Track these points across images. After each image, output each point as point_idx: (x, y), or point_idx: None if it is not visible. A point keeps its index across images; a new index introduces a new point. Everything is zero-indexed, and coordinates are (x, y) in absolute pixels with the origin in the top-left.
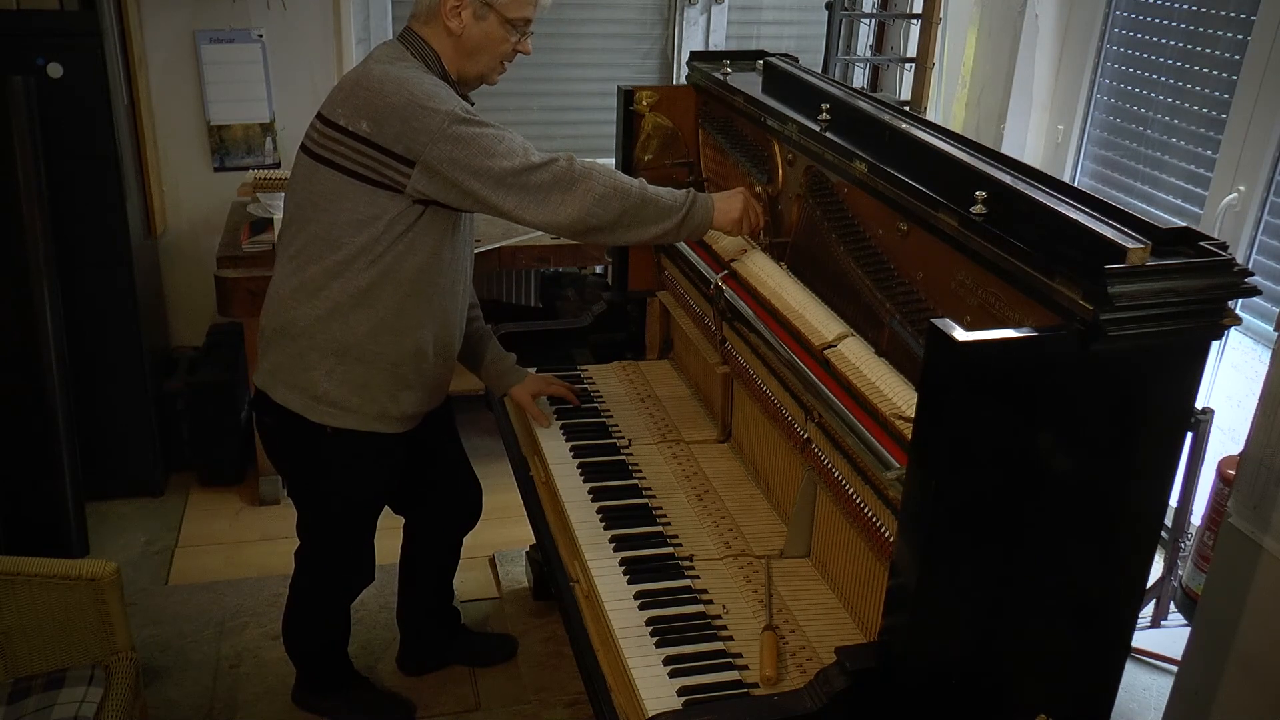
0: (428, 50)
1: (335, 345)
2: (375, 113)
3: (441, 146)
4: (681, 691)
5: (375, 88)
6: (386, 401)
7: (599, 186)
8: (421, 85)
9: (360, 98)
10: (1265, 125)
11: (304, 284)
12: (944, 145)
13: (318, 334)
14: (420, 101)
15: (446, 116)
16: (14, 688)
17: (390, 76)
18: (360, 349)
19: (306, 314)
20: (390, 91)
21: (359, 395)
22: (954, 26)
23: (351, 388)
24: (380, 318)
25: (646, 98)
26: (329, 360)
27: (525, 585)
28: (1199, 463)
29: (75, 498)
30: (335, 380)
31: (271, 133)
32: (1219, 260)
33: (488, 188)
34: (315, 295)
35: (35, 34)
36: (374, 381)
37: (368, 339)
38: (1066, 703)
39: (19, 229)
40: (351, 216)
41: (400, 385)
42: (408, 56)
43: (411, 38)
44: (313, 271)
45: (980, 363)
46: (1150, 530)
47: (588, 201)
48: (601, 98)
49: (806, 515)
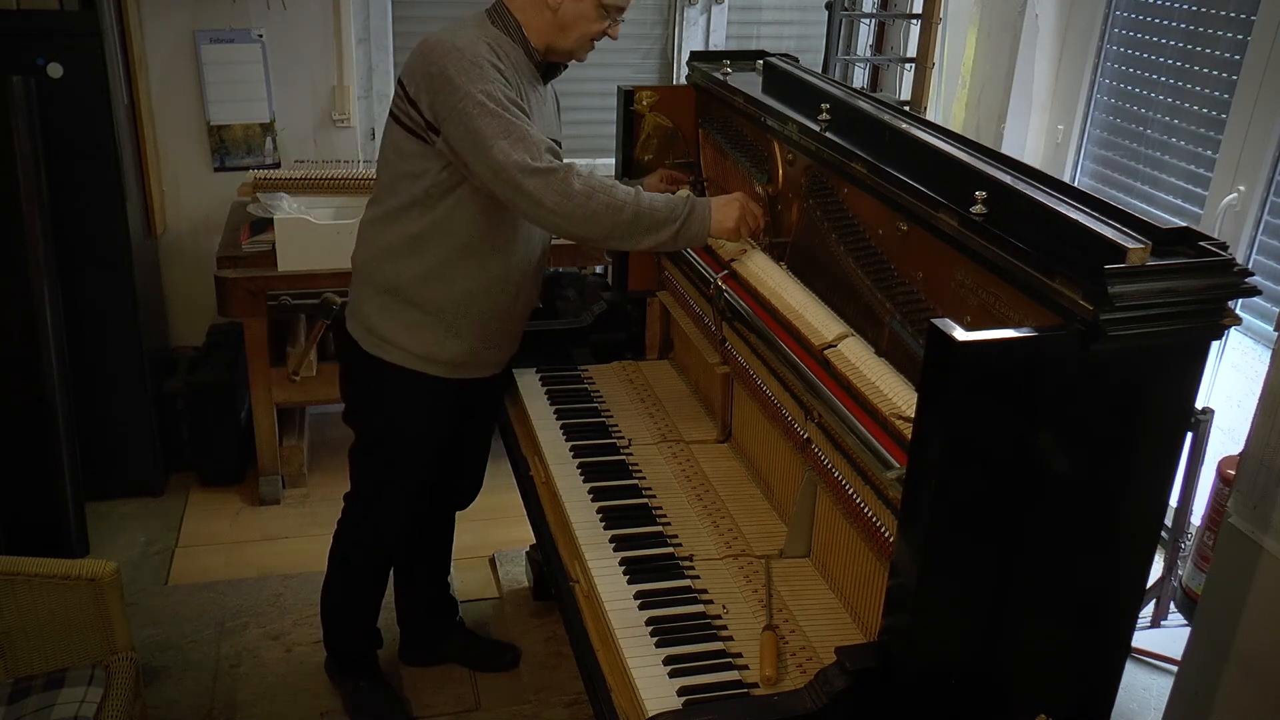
0: (511, 21)
1: (387, 284)
2: (417, 78)
3: (454, 123)
4: (681, 691)
5: (425, 53)
6: (432, 345)
7: (593, 202)
8: (461, 60)
9: (414, 62)
10: (1265, 125)
11: (369, 225)
12: (944, 145)
13: (373, 272)
14: (450, 75)
15: (466, 97)
16: (14, 688)
17: (441, 45)
18: (409, 291)
19: (366, 252)
20: (432, 59)
21: (406, 334)
22: (954, 26)
23: (399, 325)
24: (428, 265)
25: (646, 98)
26: (381, 297)
27: (525, 585)
28: (1199, 463)
29: (75, 498)
30: (385, 316)
31: (271, 133)
32: (1219, 260)
33: (487, 174)
34: (376, 237)
35: (35, 34)
36: (422, 324)
37: (416, 283)
38: (1066, 703)
39: (19, 229)
40: (408, 168)
41: (447, 332)
42: (487, 26)
43: (499, 8)
44: (377, 214)
45: (980, 363)
46: (1150, 530)
47: (579, 213)
48: (601, 98)
49: (806, 515)
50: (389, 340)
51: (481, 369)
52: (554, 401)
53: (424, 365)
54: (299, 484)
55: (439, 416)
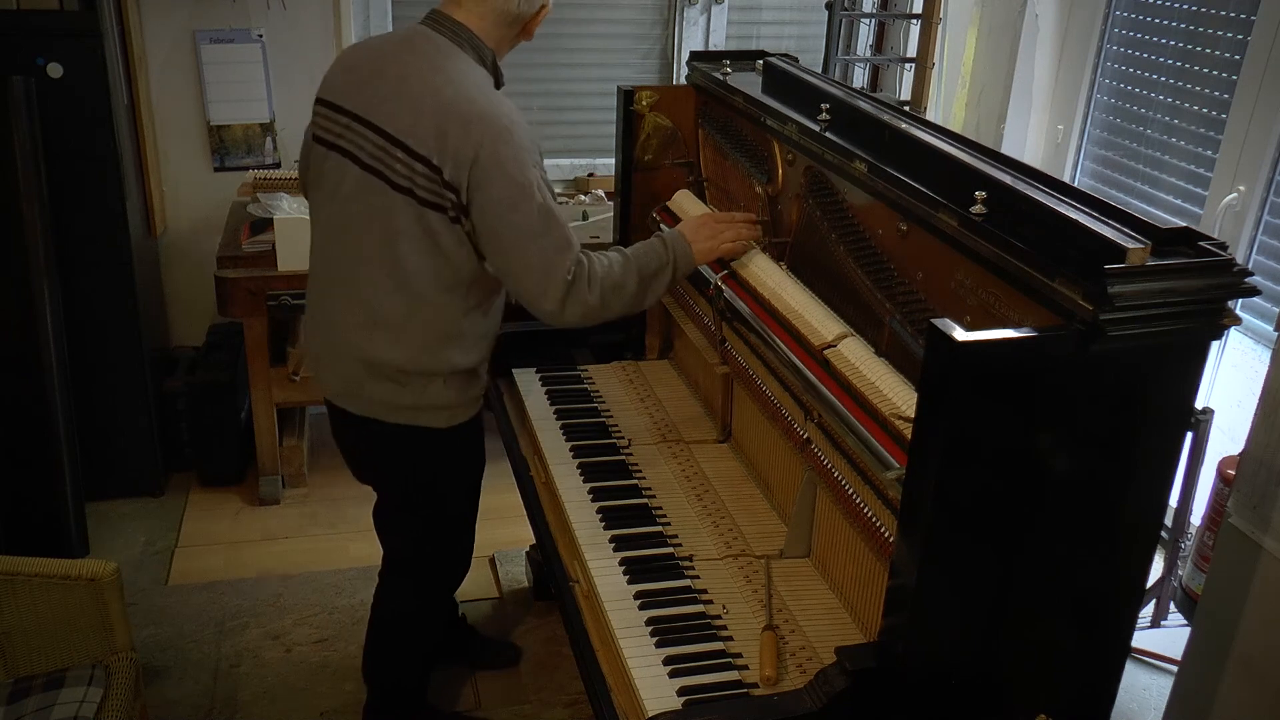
0: (485, 50)
1: (453, 368)
2: (462, 162)
3: (493, 215)
4: (681, 691)
5: (471, 135)
6: (480, 383)
7: (605, 306)
8: (511, 143)
9: (454, 140)
10: (1265, 125)
11: (412, 315)
12: (944, 145)
13: (435, 365)
14: (505, 164)
15: (518, 188)
16: (14, 688)
17: (489, 123)
18: (464, 362)
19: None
20: (481, 143)
21: (469, 389)
22: (954, 26)
23: (460, 388)
24: (478, 331)
25: (646, 98)
26: (440, 377)
27: (525, 585)
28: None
29: (75, 498)
30: (451, 389)
31: (271, 133)
32: (1219, 260)
33: (516, 267)
34: (427, 332)
35: (35, 34)
36: (472, 374)
37: (470, 351)
38: (1066, 703)
39: (19, 229)
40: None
41: (484, 367)
42: (470, 62)
43: (464, 34)
44: (418, 304)
45: (980, 363)
46: (1150, 530)
47: (594, 306)
48: (601, 98)
49: (806, 515)
50: (460, 404)
51: None
52: (554, 401)
53: (471, 410)
54: (299, 484)
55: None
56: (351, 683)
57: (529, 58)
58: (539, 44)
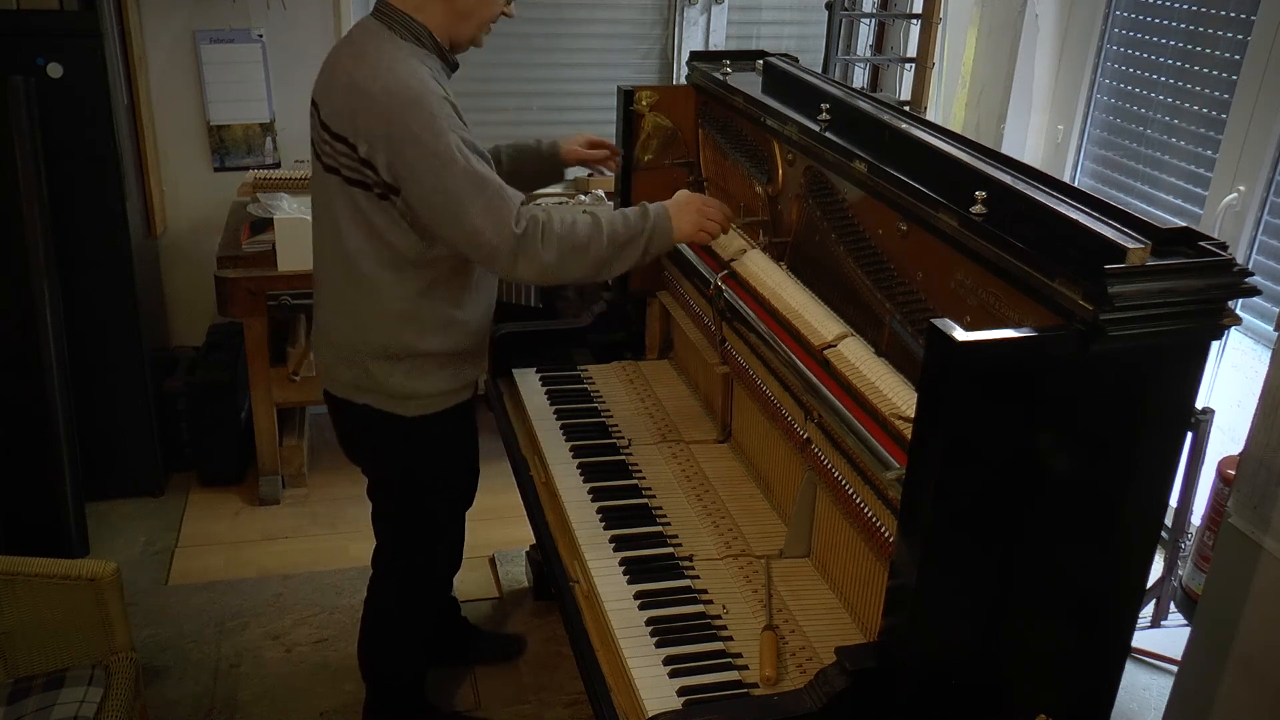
0: (418, 27)
1: (408, 350)
2: (370, 135)
3: (419, 184)
4: (681, 691)
5: (372, 105)
6: (464, 375)
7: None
8: (420, 111)
9: (363, 117)
10: (1265, 125)
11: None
12: (944, 145)
13: (390, 345)
14: (415, 132)
15: (434, 155)
16: (14, 688)
17: (395, 97)
18: (431, 345)
19: (372, 330)
20: (387, 114)
21: (440, 380)
22: (954, 26)
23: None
24: (444, 316)
25: (646, 98)
26: (405, 362)
27: (525, 585)
28: (1199, 463)
29: (75, 498)
30: (415, 377)
31: (271, 133)
32: (1219, 260)
33: (458, 236)
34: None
35: (35, 34)
36: (447, 364)
37: (436, 336)
38: (1066, 703)
39: (19, 229)
40: (385, 233)
41: (467, 362)
42: (399, 42)
43: (397, 16)
44: (366, 286)
45: (980, 363)
46: (1150, 530)
47: (551, 263)
48: (601, 98)
49: (806, 515)
50: (429, 394)
51: (484, 368)
52: (554, 401)
53: (462, 395)
54: (299, 484)
55: (473, 432)
56: (351, 683)
57: (529, 58)
58: (539, 44)
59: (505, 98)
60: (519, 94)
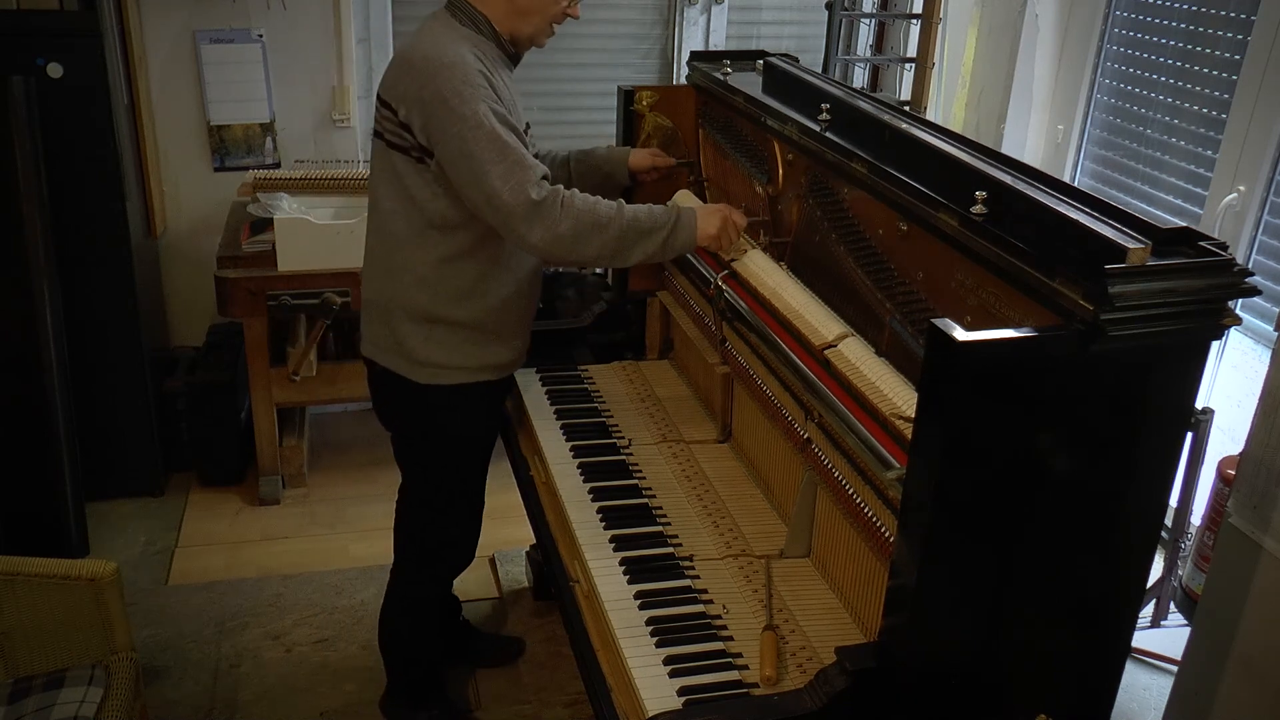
0: (478, 15)
1: (424, 313)
2: (409, 100)
3: (448, 146)
4: (681, 691)
5: (412, 73)
6: (485, 355)
7: (583, 220)
8: (453, 79)
9: (402, 82)
10: (1265, 125)
11: (385, 255)
12: (944, 145)
13: (407, 304)
14: (445, 96)
15: (461, 120)
16: (14, 688)
17: (430, 62)
18: (449, 313)
19: (392, 286)
20: (424, 80)
21: (459, 354)
22: (954, 26)
23: (449, 349)
24: (463, 285)
25: (646, 98)
26: (423, 327)
27: (525, 585)
28: (1199, 463)
29: (75, 498)
30: (433, 345)
31: (271, 133)
32: (1219, 260)
33: (479, 199)
34: (399, 268)
35: (35, 34)
36: (470, 340)
37: (453, 304)
38: (1066, 703)
39: (19, 229)
40: (416, 194)
41: (494, 340)
42: (456, 26)
43: (462, 5)
44: (390, 243)
45: (980, 363)
46: (1150, 530)
47: (567, 237)
48: (601, 98)
49: (806, 515)
50: (444, 365)
51: (521, 360)
52: (554, 401)
53: (481, 375)
54: (299, 484)
55: (496, 417)
56: (351, 683)
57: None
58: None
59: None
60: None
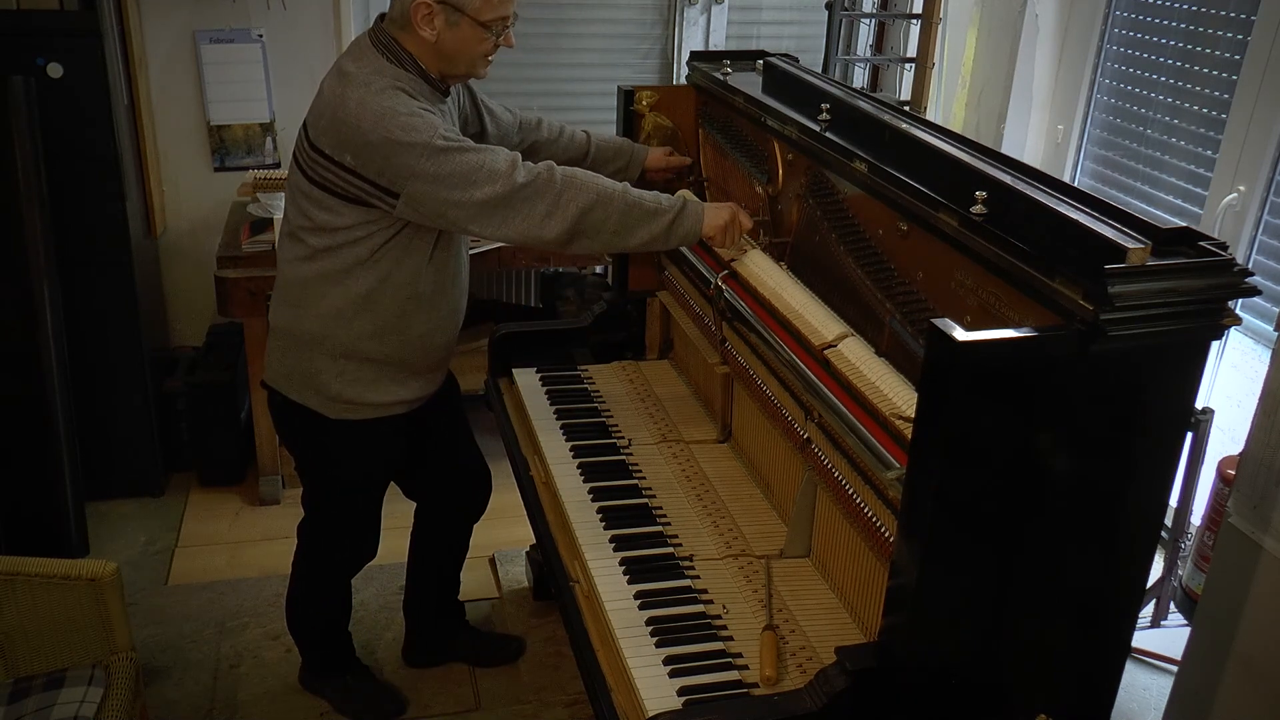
0: (402, 54)
1: (341, 349)
2: (356, 149)
3: (422, 183)
4: (681, 691)
5: (353, 123)
6: (398, 391)
7: (583, 196)
8: (396, 118)
9: (341, 133)
10: (1265, 125)
11: (302, 289)
12: (944, 145)
13: (323, 339)
14: (397, 138)
15: (424, 150)
16: (14, 688)
17: (367, 109)
18: (366, 349)
19: (308, 320)
20: (368, 129)
21: (372, 390)
22: (954, 26)
23: (363, 385)
24: (383, 321)
25: (646, 98)
26: (338, 362)
27: (525, 585)
28: (1199, 463)
29: (75, 498)
30: (345, 381)
31: (271, 133)
32: (1219, 260)
33: (470, 216)
34: (316, 302)
35: (35, 34)
36: (383, 375)
37: (371, 340)
38: (1066, 703)
39: (19, 229)
40: (348, 233)
41: (408, 374)
42: (382, 62)
43: (386, 40)
44: (309, 276)
45: (980, 363)
46: (1150, 530)
47: (571, 213)
48: (601, 98)
49: (806, 515)
50: (356, 401)
51: (436, 386)
52: (554, 401)
53: (394, 409)
54: (299, 484)
55: (399, 450)
56: None
57: (530, 58)
58: (539, 44)
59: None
60: (519, 94)
